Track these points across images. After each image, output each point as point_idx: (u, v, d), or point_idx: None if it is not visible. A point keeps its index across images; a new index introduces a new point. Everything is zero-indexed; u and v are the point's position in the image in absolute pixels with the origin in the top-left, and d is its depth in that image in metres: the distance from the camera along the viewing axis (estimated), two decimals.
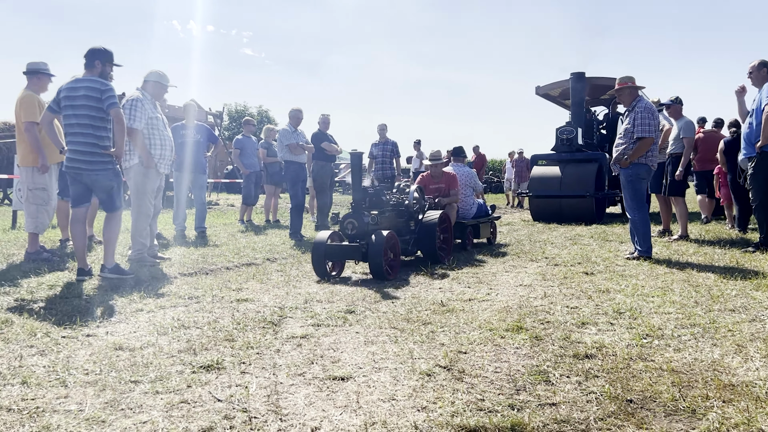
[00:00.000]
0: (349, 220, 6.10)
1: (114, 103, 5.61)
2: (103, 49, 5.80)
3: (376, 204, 6.69)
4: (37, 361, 3.30)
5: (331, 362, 3.35)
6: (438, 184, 8.49)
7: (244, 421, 2.57)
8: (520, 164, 18.86)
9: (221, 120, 23.77)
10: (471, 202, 8.92)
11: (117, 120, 5.65)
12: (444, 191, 8.42)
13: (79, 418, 2.56)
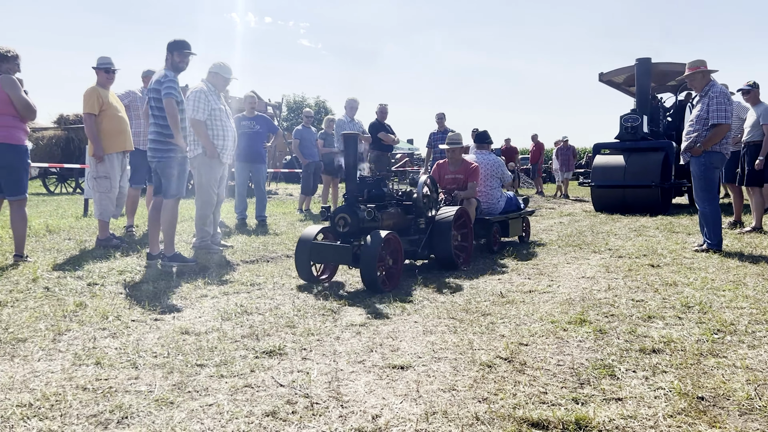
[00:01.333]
0: (340, 215, 5.10)
1: (168, 93, 5.77)
2: (173, 40, 5.98)
3: (376, 197, 5.63)
4: (109, 343, 3.44)
5: (390, 351, 3.36)
6: (455, 173, 7.33)
7: (306, 406, 2.61)
8: (565, 152, 18.34)
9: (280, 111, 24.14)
10: (498, 196, 7.77)
11: (167, 110, 5.82)
12: (461, 183, 7.23)
13: (149, 399, 2.65)
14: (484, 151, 8.01)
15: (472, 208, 6.87)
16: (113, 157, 6.87)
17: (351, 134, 5.28)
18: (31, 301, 4.32)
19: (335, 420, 2.48)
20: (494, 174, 7.75)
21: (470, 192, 7.09)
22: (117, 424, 2.41)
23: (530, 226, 8.40)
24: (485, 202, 7.62)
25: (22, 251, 5.78)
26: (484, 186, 7.64)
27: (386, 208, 5.59)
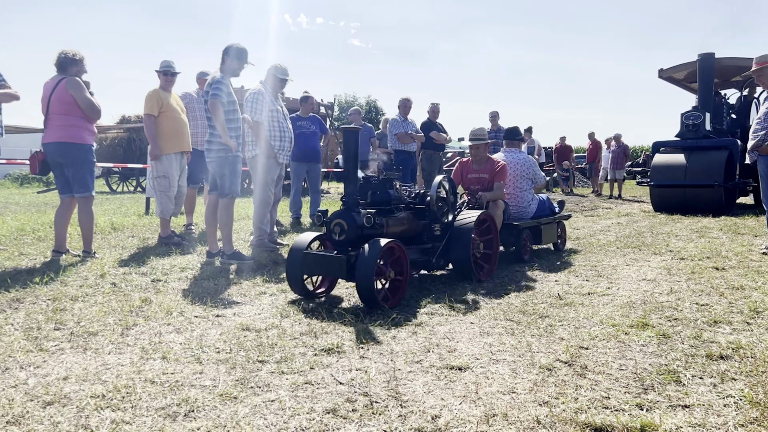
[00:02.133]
0: (336, 221, 4.47)
1: (214, 95, 5.94)
2: (231, 46, 6.14)
3: (381, 200, 4.95)
4: (174, 338, 3.56)
5: (447, 351, 3.35)
6: (479, 173, 6.57)
7: (366, 405, 2.63)
8: (617, 151, 17.78)
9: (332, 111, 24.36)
10: (529, 198, 6.97)
11: (211, 111, 5.97)
12: (486, 183, 6.47)
13: (214, 394, 2.73)
14: (514, 149, 7.21)
15: (499, 211, 6.15)
16: (172, 157, 7.08)
17: (351, 128, 4.65)
18: (100, 296, 4.50)
19: (395, 419, 2.50)
20: (525, 174, 6.98)
21: (496, 193, 6.34)
22: (184, 417, 2.49)
23: (566, 231, 7.60)
24: (514, 205, 6.91)
25: (90, 248, 6.02)
26: (514, 188, 6.93)
27: (393, 213, 4.96)
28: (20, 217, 9.24)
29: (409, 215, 5.14)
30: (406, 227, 5.07)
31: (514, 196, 6.93)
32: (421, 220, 5.23)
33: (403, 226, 5.02)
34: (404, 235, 5.02)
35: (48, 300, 4.30)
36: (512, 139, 7.32)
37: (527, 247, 6.55)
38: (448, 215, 5.33)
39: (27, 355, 3.21)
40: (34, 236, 7.15)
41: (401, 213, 5.07)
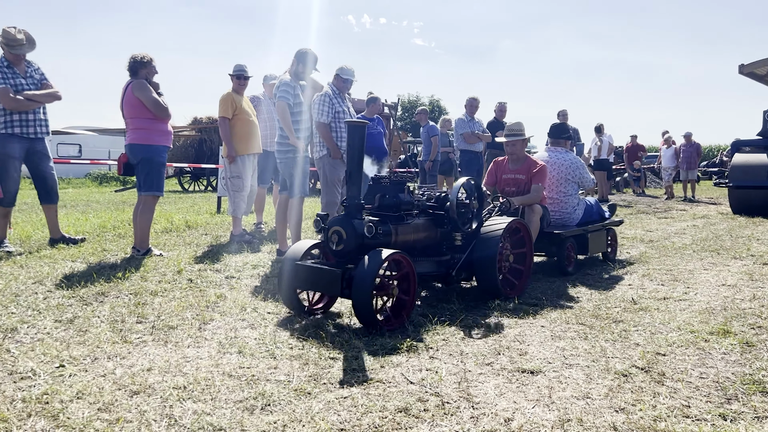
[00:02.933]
0: (334, 229, 3.98)
1: (281, 97, 6.12)
2: (303, 51, 6.31)
3: (390, 204, 4.35)
4: (249, 334, 3.67)
5: (518, 354, 3.32)
6: (516, 173, 5.92)
7: (437, 405, 2.64)
8: (689, 150, 16.96)
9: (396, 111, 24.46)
10: (574, 204, 6.25)
11: (278, 113, 6.17)
12: (523, 185, 5.81)
13: (289, 388, 2.80)
14: (560, 149, 6.47)
15: (536, 218, 5.51)
16: (245, 158, 7.30)
17: (356, 122, 4.04)
18: (178, 292, 4.69)
19: (467, 420, 2.50)
20: (570, 177, 6.25)
21: (532, 197, 5.65)
22: (261, 411, 2.57)
23: (617, 239, 6.87)
24: (557, 211, 6.24)
25: (140, 246, 6.07)
26: (557, 191, 6.23)
27: (405, 220, 4.38)
28: (101, 214, 9.73)
29: (426, 222, 4.56)
30: (421, 236, 4.48)
31: (557, 201, 6.25)
32: (440, 227, 4.63)
33: (417, 234, 4.43)
34: (418, 245, 4.48)
35: (130, 294, 4.52)
36: (557, 138, 6.59)
37: (571, 257, 5.85)
38: (471, 223, 4.69)
39: (113, 346, 3.39)
40: (115, 233, 7.51)
41: (416, 219, 4.47)
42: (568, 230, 5.89)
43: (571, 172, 6.25)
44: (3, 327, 3.63)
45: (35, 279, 4.83)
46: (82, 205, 12.18)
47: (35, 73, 6.17)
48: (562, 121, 12.25)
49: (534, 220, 5.47)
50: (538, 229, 5.50)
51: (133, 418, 2.48)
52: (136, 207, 6.15)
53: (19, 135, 5.99)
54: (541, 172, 5.75)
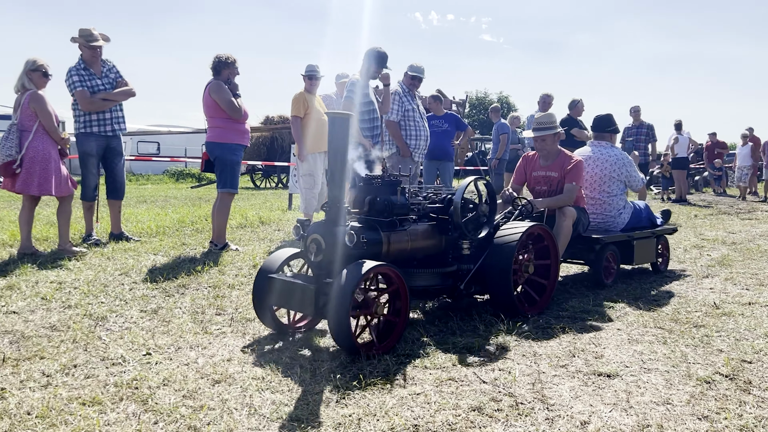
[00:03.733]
0: (313, 237, 3.50)
1: (347, 97, 6.31)
2: (374, 50, 6.41)
3: (382, 208, 3.72)
4: (321, 327, 3.74)
5: (594, 357, 3.26)
6: (547, 170, 5.18)
7: (511, 405, 2.63)
8: None
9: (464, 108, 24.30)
10: (619, 206, 5.52)
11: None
12: (556, 183, 5.09)
13: (362, 383, 2.85)
14: (604, 143, 5.76)
15: (567, 222, 4.75)
16: (316, 157, 7.43)
17: (339, 114, 3.50)
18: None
19: (542, 422, 2.48)
20: (615, 175, 5.53)
21: (562, 198, 4.91)
22: (336, 404, 2.63)
23: (669, 249, 6.01)
24: (600, 213, 5.55)
25: (218, 240, 6.22)
26: (600, 191, 5.54)
27: (401, 226, 3.78)
28: (179, 209, 10.13)
29: (428, 228, 3.97)
30: (422, 244, 3.91)
31: (599, 203, 5.54)
32: (445, 234, 4.04)
33: (417, 242, 3.85)
34: (419, 255, 3.95)
35: (209, 287, 4.70)
36: (601, 131, 5.84)
37: (611, 268, 5.12)
38: (482, 229, 4.12)
39: (195, 336, 3.54)
40: (193, 228, 7.82)
41: (415, 225, 3.89)
42: (609, 236, 5.18)
43: (617, 170, 5.53)
44: (94, 315, 3.86)
45: (121, 271, 5.09)
46: (161, 200, 12.72)
47: (110, 72, 6.45)
48: (634, 115, 11.84)
49: (564, 225, 4.74)
50: (569, 235, 4.78)
51: (216, 406, 2.59)
52: (215, 203, 6.37)
53: (96, 133, 6.30)
54: (576, 169, 4.99)
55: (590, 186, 5.55)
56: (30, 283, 4.58)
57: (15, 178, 5.52)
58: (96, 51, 6.29)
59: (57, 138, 5.62)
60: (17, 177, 5.50)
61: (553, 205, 4.86)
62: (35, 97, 5.49)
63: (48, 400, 2.59)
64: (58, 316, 3.82)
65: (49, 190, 5.58)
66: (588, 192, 5.50)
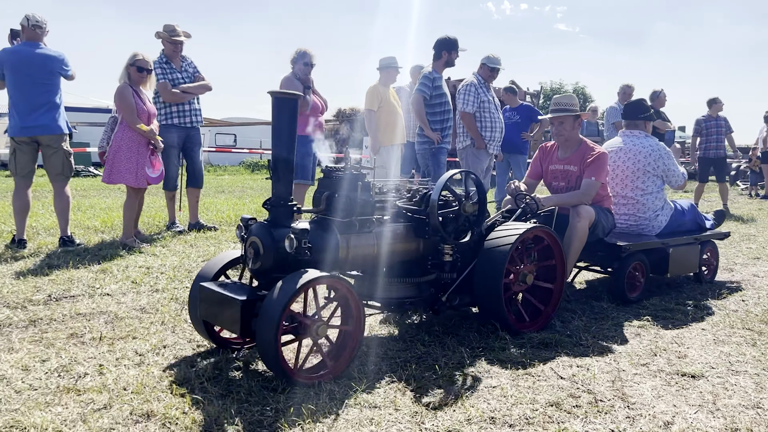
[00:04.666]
0: (251, 240, 2.98)
1: (418, 90, 6.22)
2: (445, 38, 6.37)
3: (343, 206, 3.14)
4: (400, 320, 3.79)
5: (677, 357, 3.16)
6: (565, 163, 4.48)
7: (590, 402, 2.59)
8: None
9: (538, 99, 23.81)
10: (656, 206, 4.74)
11: (412, 105, 6.28)
12: (575, 179, 4.40)
13: (438, 374, 2.87)
14: (637, 132, 4.94)
15: (581, 224, 4.07)
16: (389, 149, 7.50)
17: (285, 94, 2.99)
18: None
19: (622, 420, 2.43)
20: (651, 169, 4.73)
21: (578, 196, 4.22)
22: (412, 392, 2.66)
23: (718, 257, 5.18)
24: (631, 215, 4.79)
25: None
26: (632, 188, 4.76)
27: (365, 227, 3.19)
28: (257, 199, 10.45)
29: (400, 231, 3.36)
30: (393, 249, 3.30)
31: (632, 203, 4.78)
32: (423, 237, 3.42)
33: (386, 247, 3.27)
34: (389, 261, 3.34)
35: None
36: (633, 118, 5.01)
37: (637, 280, 4.35)
38: (468, 231, 3.51)
39: None
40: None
41: (383, 227, 3.28)
42: (636, 242, 4.37)
43: (652, 163, 4.74)
44: (180, 299, 4.05)
45: (204, 257, 5.31)
46: (238, 191, 13.14)
47: (189, 67, 6.72)
48: (712, 107, 11.15)
49: (578, 228, 4.06)
50: (583, 240, 4.10)
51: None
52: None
53: (177, 125, 6.58)
54: (597, 163, 4.27)
55: (620, 182, 4.82)
56: (120, 267, 4.86)
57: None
58: (177, 46, 6.56)
59: (138, 131, 5.76)
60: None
61: (564, 204, 4.23)
62: (118, 90, 5.76)
63: (142, 378, 2.75)
64: (147, 299, 4.03)
65: (120, 180, 5.78)
66: (618, 189, 4.82)
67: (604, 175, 4.33)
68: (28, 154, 5.62)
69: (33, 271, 4.65)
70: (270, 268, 2.91)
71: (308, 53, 6.43)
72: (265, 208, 3.03)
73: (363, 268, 3.31)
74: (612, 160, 4.78)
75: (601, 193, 4.38)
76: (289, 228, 2.92)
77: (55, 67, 5.61)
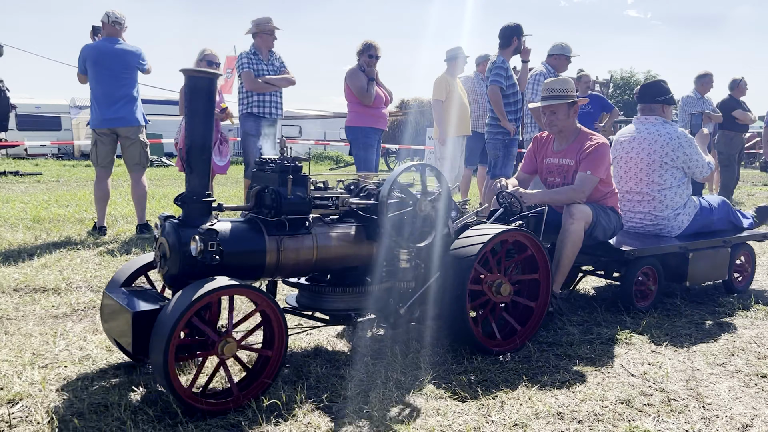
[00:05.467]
0: (160, 241, 2.60)
1: (493, 81, 6.14)
2: (503, 26, 6.29)
3: (272, 203, 2.72)
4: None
5: (756, 357, 3.03)
6: (561, 156, 3.89)
7: (663, 401, 2.53)
8: None
9: (608, 89, 23.09)
10: (676, 203, 4.15)
11: (489, 96, 6.24)
12: (571, 175, 3.81)
13: (506, 369, 2.86)
14: (653, 119, 4.27)
15: (576, 226, 3.54)
16: (455, 140, 7.46)
17: (197, 73, 2.60)
18: None
19: (697, 420, 2.36)
20: (669, 161, 4.12)
21: (569, 192, 3.68)
22: (480, 386, 2.66)
23: (755, 261, 4.50)
24: (647, 213, 4.21)
25: None
26: (647, 184, 4.18)
27: (302, 228, 2.77)
28: None
29: (347, 232, 2.93)
30: (338, 253, 2.89)
31: (647, 199, 4.19)
32: (375, 240, 2.95)
33: (327, 251, 2.84)
34: (333, 267, 2.96)
35: None
36: (649, 102, 4.33)
37: (648, 289, 3.87)
38: (425, 234, 2.97)
39: None
40: None
41: (325, 228, 2.86)
42: (645, 246, 3.88)
43: (670, 153, 4.11)
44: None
45: None
46: None
47: (276, 61, 6.87)
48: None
49: (572, 230, 3.54)
50: (578, 244, 3.57)
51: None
52: None
53: (256, 114, 6.74)
54: (594, 154, 3.66)
55: (634, 177, 4.23)
56: None
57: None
58: (267, 39, 6.74)
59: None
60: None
61: (554, 201, 3.72)
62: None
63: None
64: None
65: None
66: (632, 185, 4.25)
67: (603, 168, 3.72)
68: (108, 145, 5.91)
69: (113, 256, 4.90)
70: (177, 274, 2.51)
71: (374, 45, 6.46)
72: (176, 205, 2.61)
73: (303, 274, 2.93)
74: (624, 152, 4.30)
75: (602, 190, 3.81)
76: (186, 229, 2.53)
77: (132, 62, 5.87)
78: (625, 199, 4.28)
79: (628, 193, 4.28)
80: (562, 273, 3.66)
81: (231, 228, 2.63)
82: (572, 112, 3.82)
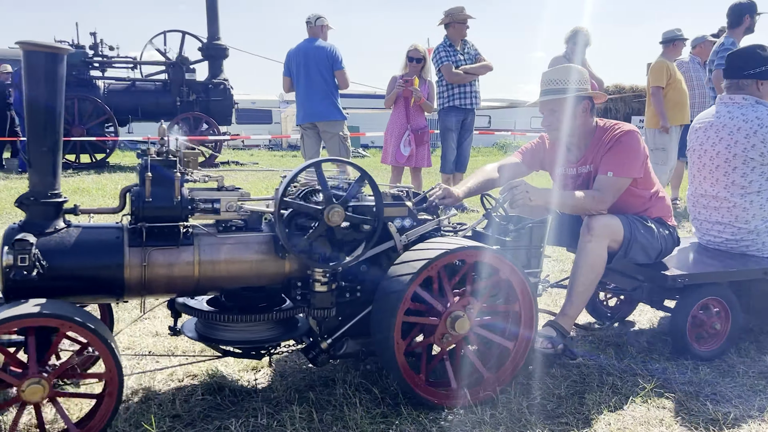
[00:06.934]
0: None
1: (718, 65, 5.74)
2: (736, 4, 5.73)
3: (138, 207, 2.22)
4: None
5: None
6: (579, 165, 3.08)
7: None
8: None
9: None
10: (763, 214, 3.17)
11: (715, 82, 5.98)
12: (585, 179, 3.05)
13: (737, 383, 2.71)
14: (739, 98, 3.21)
15: (593, 245, 2.80)
16: (673, 130, 6.87)
17: (38, 47, 2.08)
18: None
19: None
20: (756, 156, 3.10)
21: (587, 200, 2.85)
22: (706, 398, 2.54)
23: None
24: (726, 224, 3.23)
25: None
26: (725, 185, 3.21)
27: (172, 237, 2.27)
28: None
29: (246, 244, 2.39)
30: (233, 271, 2.37)
31: (726, 205, 3.21)
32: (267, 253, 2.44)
33: (217, 266, 2.34)
34: (220, 286, 2.41)
35: None
36: (738, 77, 3.23)
37: (711, 329, 2.94)
38: (354, 249, 2.38)
39: None
40: None
41: (216, 237, 2.36)
42: (701, 272, 2.98)
43: (759, 146, 3.08)
44: None
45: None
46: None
47: (470, 50, 6.85)
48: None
49: (590, 250, 2.79)
50: (598, 271, 2.82)
51: None
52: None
53: (457, 107, 6.75)
54: (617, 148, 2.86)
55: (709, 176, 3.27)
56: None
57: None
58: (460, 28, 6.76)
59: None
60: None
61: (564, 207, 2.85)
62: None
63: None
64: None
65: (383, 160, 6.72)
66: (707, 187, 3.28)
67: (631, 166, 2.85)
68: (312, 138, 6.46)
69: None
70: (7, 290, 2.08)
71: (582, 31, 6.36)
72: (17, 207, 2.18)
73: (185, 294, 2.42)
74: (699, 143, 3.30)
75: (641, 194, 2.97)
76: (45, 234, 2.13)
77: (329, 59, 6.27)
78: (700, 205, 3.36)
79: (702, 198, 3.34)
80: (576, 305, 2.87)
81: (76, 236, 2.18)
82: (580, 111, 2.95)
